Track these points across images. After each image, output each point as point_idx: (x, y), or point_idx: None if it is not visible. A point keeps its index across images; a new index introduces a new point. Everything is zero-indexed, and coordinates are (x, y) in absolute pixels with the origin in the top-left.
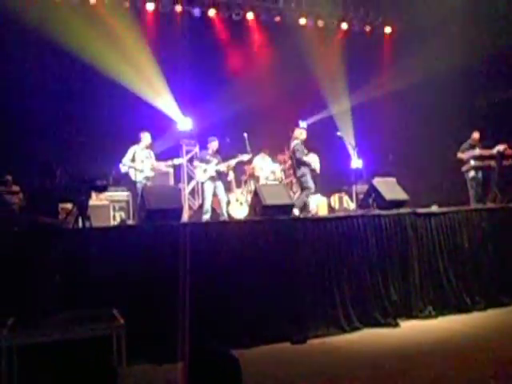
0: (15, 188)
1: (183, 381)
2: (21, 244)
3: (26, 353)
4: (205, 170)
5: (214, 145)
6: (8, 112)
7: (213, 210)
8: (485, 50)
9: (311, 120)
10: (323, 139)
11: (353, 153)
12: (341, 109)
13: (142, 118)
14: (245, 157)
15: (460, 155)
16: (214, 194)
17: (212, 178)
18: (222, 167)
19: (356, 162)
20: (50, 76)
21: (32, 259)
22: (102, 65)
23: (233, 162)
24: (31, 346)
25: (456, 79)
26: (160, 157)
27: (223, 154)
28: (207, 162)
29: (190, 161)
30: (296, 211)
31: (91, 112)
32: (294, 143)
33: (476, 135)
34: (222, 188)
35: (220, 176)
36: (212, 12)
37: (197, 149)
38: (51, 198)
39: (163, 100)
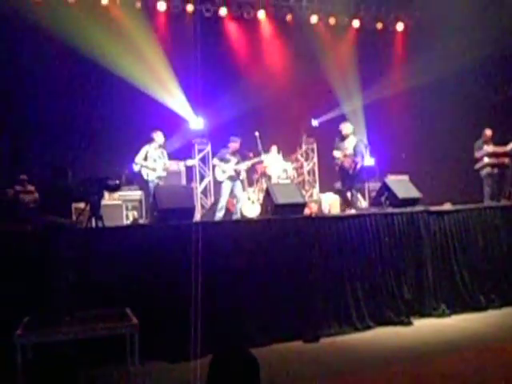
0: (30, 188)
1: (200, 380)
2: (35, 244)
3: (41, 351)
4: (223, 171)
5: (234, 145)
6: (22, 113)
7: (226, 208)
8: (498, 46)
9: (324, 118)
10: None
11: (365, 151)
12: (353, 107)
13: (154, 117)
14: (263, 157)
15: (477, 154)
16: (231, 193)
17: (230, 178)
18: (242, 167)
19: (368, 160)
20: (63, 77)
21: (46, 259)
22: (114, 65)
23: (251, 163)
24: (45, 345)
25: (470, 75)
26: (172, 156)
27: (248, 158)
28: (227, 161)
29: (203, 160)
30: None
31: (104, 112)
32: None
33: (488, 132)
34: (240, 187)
35: (238, 175)
36: (223, 11)
37: (209, 147)
38: (64, 198)
39: (175, 99)
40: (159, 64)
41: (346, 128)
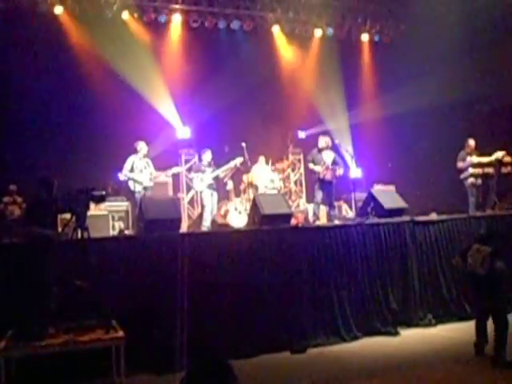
0: (19, 199)
1: None
2: (18, 256)
3: (25, 365)
4: (202, 179)
5: (207, 156)
6: (10, 123)
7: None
8: (482, 58)
9: (311, 131)
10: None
11: (351, 162)
12: (338, 118)
13: (141, 127)
14: (238, 160)
15: (460, 164)
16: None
17: (210, 186)
18: (219, 173)
19: (355, 172)
20: (49, 88)
21: (30, 271)
22: (101, 74)
23: (227, 167)
24: (30, 358)
25: (454, 87)
26: (159, 166)
27: (222, 163)
28: (203, 171)
29: (189, 170)
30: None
31: (90, 122)
32: None
33: (471, 143)
34: (215, 198)
35: (217, 185)
36: (210, 22)
37: (196, 158)
38: (50, 209)
39: (165, 107)
40: (151, 73)
41: (323, 141)
